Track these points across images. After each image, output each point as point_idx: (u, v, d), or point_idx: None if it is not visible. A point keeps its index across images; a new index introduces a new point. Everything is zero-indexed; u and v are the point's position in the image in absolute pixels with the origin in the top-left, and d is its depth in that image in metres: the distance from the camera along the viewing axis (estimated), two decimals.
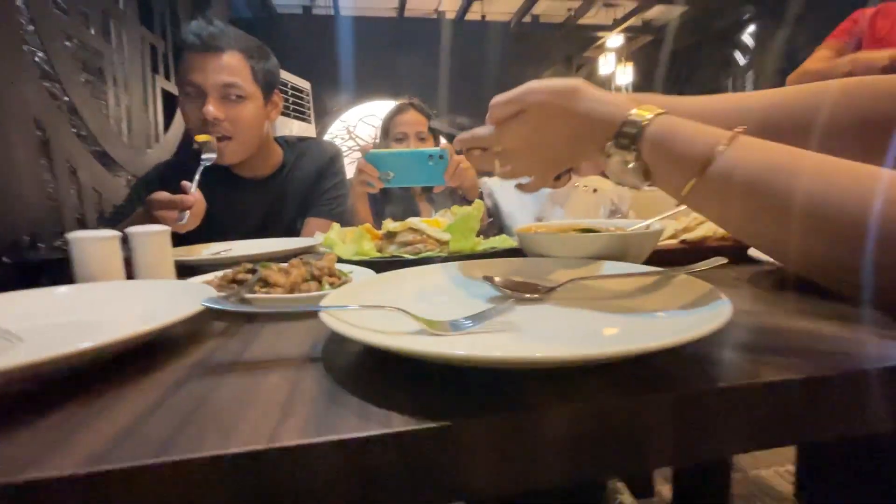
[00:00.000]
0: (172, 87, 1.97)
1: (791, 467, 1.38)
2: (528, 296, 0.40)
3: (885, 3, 1.29)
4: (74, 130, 1.35)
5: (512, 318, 0.34)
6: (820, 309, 0.39)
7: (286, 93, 3.06)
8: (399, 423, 0.22)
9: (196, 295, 0.39)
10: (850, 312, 0.37)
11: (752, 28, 4.36)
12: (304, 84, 3.44)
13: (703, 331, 0.25)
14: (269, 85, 1.03)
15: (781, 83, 1.28)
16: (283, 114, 3.05)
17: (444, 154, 0.87)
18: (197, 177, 0.82)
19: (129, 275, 0.56)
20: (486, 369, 0.27)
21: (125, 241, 0.56)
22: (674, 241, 0.64)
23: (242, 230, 0.99)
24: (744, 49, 4.46)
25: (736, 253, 0.55)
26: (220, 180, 1.01)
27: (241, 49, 0.97)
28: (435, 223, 0.68)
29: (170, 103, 1.96)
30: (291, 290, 0.48)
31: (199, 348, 0.36)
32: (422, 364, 0.28)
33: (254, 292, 0.46)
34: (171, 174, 1.04)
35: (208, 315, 0.42)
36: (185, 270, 0.62)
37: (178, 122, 2.02)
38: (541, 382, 0.26)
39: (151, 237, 0.54)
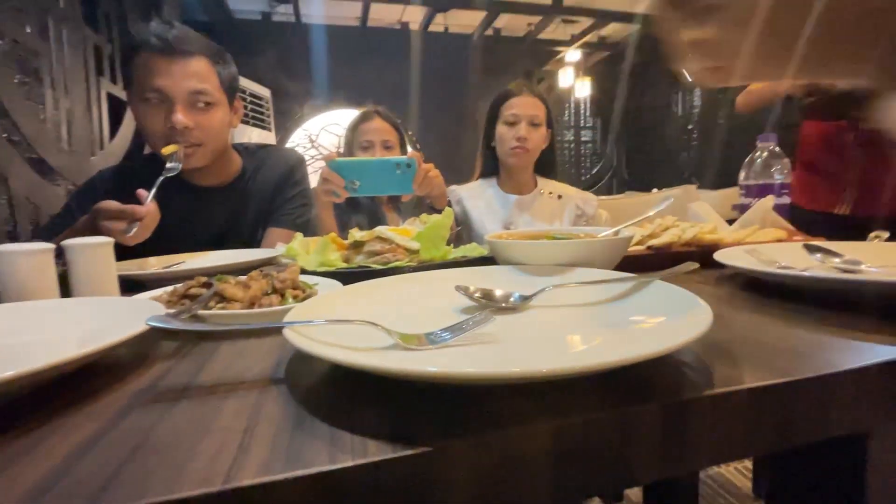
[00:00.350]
0: (119, 91, 1.85)
1: (749, 463, 1.44)
2: (504, 305, 0.39)
3: None
4: (5, 135, 1.24)
5: (490, 329, 0.32)
6: (784, 311, 0.40)
7: (244, 100, 2.97)
8: (375, 451, 0.20)
9: (141, 313, 0.35)
10: (813, 313, 0.38)
11: None
12: (264, 91, 3.35)
13: (687, 338, 0.24)
14: (232, 91, 0.99)
15: (723, 101, 1.35)
16: (242, 121, 2.95)
17: (411, 162, 0.86)
18: (155, 188, 0.77)
19: (67, 292, 0.51)
20: (468, 385, 0.25)
21: (60, 254, 0.50)
22: (641, 248, 0.65)
23: (198, 242, 0.93)
24: None
25: (700, 258, 0.57)
26: (173, 188, 0.95)
27: (207, 54, 0.92)
28: (404, 232, 0.66)
29: (116, 108, 1.85)
30: (251, 305, 0.44)
31: (144, 373, 0.32)
32: (398, 382, 0.26)
33: (209, 308, 0.42)
34: (120, 181, 0.97)
35: (156, 335, 0.39)
36: (132, 286, 0.57)
37: (126, 128, 1.90)
38: (525, 396, 0.25)
39: (91, 250, 0.49)
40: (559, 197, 1.40)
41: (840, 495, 0.54)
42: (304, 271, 0.59)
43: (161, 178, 0.80)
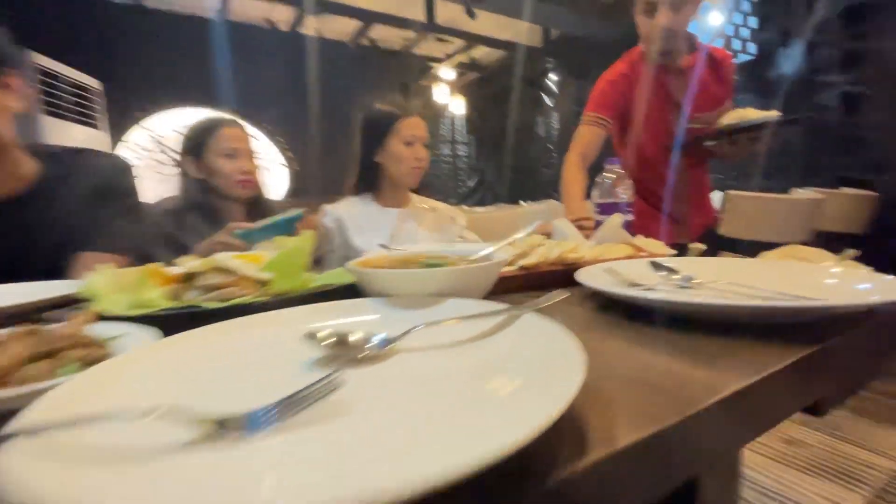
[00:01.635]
0: None
1: None
2: (361, 355, 0.33)
3: (632, 49, 1.41)
4: None
5: (339, 395, 0.26)
6: (639, 334, 0.41)
7: (61, 89, 2.43)
8: None
9: None
10: (674, 338, 0.39)
11: (553, 76, 5.21)
12: (92, 82, 2.79)
13: (560, 406, 0.21)
14: None
15: (578, 123, 1.46)
16: (60, 115, 2.40)
17: (300, 214, 0.94)
18: None
19: None
20: None
21: None
22: (513, 268, 0.65)
23: None
24: (549, 93, 5.30)
25: (565, 276, 0.59)
26: None
27: None
28: (253, 259, 0.56)
29: None
30: (2, 382, 0.31)
31: None
32: None
33: None
34: None
35: None
36: None
37: None
38: None
39: None
40: (434, 210, 1.43)
41: None
42: (108, 318, 0.45)
43: None
